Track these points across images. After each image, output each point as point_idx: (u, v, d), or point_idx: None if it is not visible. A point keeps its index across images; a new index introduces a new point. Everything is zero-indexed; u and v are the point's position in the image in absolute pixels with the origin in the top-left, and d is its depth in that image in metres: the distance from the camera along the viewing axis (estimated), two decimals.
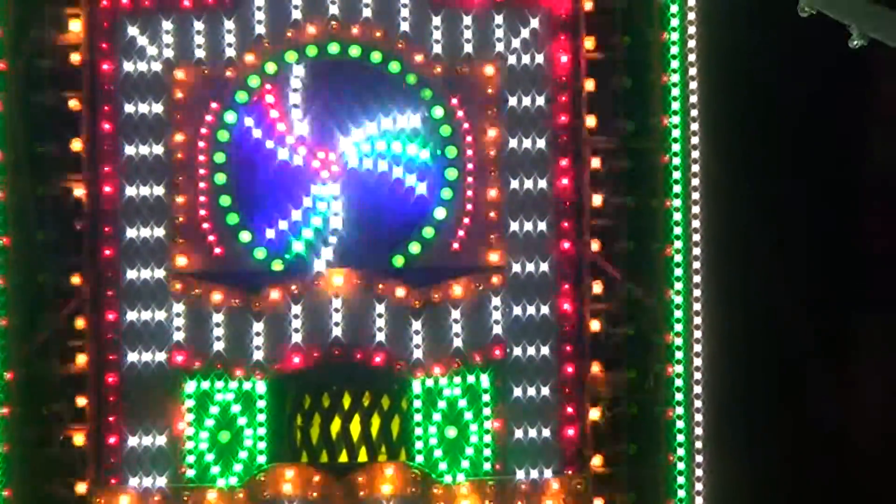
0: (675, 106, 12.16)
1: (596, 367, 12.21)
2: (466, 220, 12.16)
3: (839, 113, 12.93)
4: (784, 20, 10.62)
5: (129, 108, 12.16)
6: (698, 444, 12.04)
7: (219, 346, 12.07)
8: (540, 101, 12.23)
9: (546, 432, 12.15)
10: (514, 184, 12.23)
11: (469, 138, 12.14)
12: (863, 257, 13.21)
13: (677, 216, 12.14)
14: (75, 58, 12.17)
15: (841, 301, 13.05)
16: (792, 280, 12.81)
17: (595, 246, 12.26)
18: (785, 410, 12.90)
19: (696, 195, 12.14)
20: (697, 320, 12.10)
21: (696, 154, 12.14)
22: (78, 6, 12.18)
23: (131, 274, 12.14)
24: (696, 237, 12.12)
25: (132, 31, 12.15)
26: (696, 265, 12.11)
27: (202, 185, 12.10)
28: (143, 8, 12.13)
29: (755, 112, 12.61)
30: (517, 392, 12.15)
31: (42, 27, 12.18)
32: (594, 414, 12.14)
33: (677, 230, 12.15)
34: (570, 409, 12.13)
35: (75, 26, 12.16)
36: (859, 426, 12.93)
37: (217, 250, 12.11)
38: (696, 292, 12.12)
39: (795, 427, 12.90)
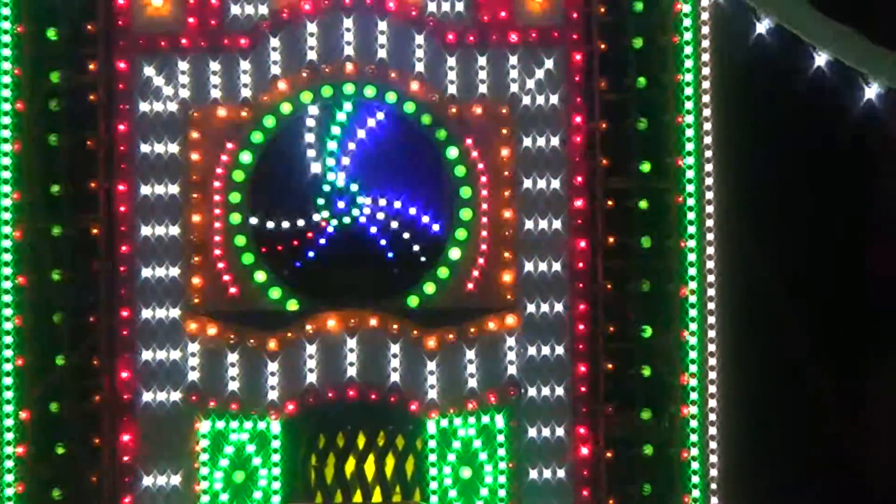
0: (690, 147, 12.19)
1: (610, 408, 12.18)
2: (481, 261, 12.18)
3: (854, 154, 12.96)
4: (800, 63, 10.65)
5: (145, 147, 12.19)
6: (713, 486, 12.03)
7: (234, 385, 12.06)
8: (554, 141, 12.26)
9: (561, 473, 12.13)
10: (529, 224, 12.26)
11: (483, 179, 12.16)
12: (881, 297, 13.20)
13: (692, 256, 12.15)
14: (91, 98, 12.21)
15: (860, 342, 13.04)
16: (808, 320, 12.80)
17: (609, 286, 12.26)
18: (803, 452, 12.86)
19: (710, 236, 12.15)
20: (712, 361, 12.09)
21: (710, 195, 12.15)
22: (95, 47, 12.24)
23: (146, 313, 12.15)
24: (711, 278, 12.13)
25: (148, 71, 12.20)
26: (711, 306, 12.11)
27: (217, 224, 12.11)
28: (159, 48, 12.17)
29: (770, 152, 12.63)
30: (532, 432, 12.15)
31: (58, 67, 12.20)
32: (609, 455, 12.12)
33: (692, 271, 12.16)
34: (584, 450, 12.11)
35: (92, 67, 12.20)
36: (884, 467, 12.89)
37: (232, 290, 12.13)
38: (711, 333, 12.11)
39: (814, 469, 12.86)
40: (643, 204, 12.31)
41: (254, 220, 12.25)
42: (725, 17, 9.93)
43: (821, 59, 9.82)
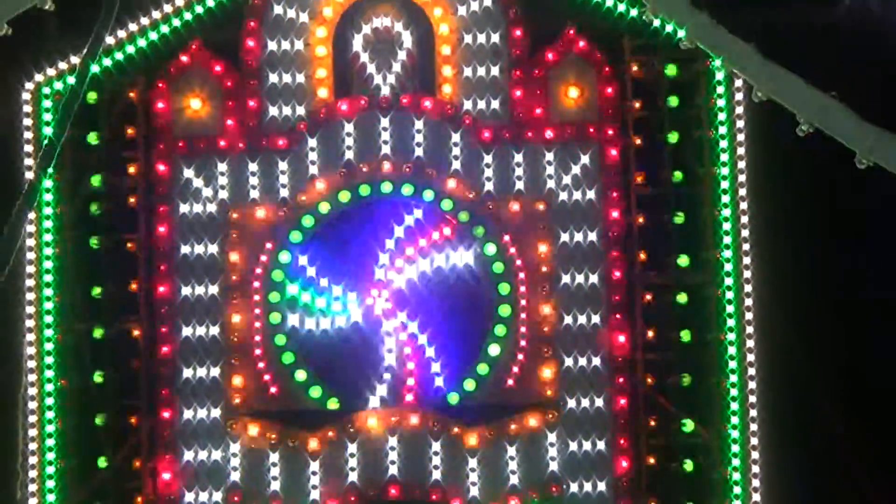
0: (727, 240, 12.21)
1: (653, 503, 12.14)
2: (521, 357, 12.19)
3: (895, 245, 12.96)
4: (835, 153, 10.66)
5: (185, 248, 12.29)
6: None
7: (275, 485, 12.07)
8: (592, 236, 12.31)
9: None
10: (568, 319, 12.28)
11: (522, 275, 12.20)
12: None
13: (732, 350, 12.14)
14: (132, 201, 12.33)
15: None
16: (851, 412, 12.72)
17: (649, 380, 12.26)
18: None
19: (750, 329, 12.14)
20: (755, 455, 12.04)
21: (748, 288, 12.15)
22: (135, 150, 12.38)
23: (188, 414, 12.19)
24: (752, 371, 12.10)
25: (188, 173, 12.32)
26: (752, 399, 12.07)
27: (257, 324, 12.17)
28: (198, 150, 12.30)
29: (807, 244, 12.62)
30: None
31: (99, 171, 12.33)
32: None
33: (732, 364, 12.13)
34: None
35: (132, 170, 12.33)
36: None
37: (273, 389, 12.16)
38: (753, 426, 12.07)
39: None
40: (681, 298, 12.30)
41: (293, 320, 12.20)
42: (764, 116, 9.97)
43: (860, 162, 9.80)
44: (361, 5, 12.48)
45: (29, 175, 12.04)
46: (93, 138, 12.35)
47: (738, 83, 12.13)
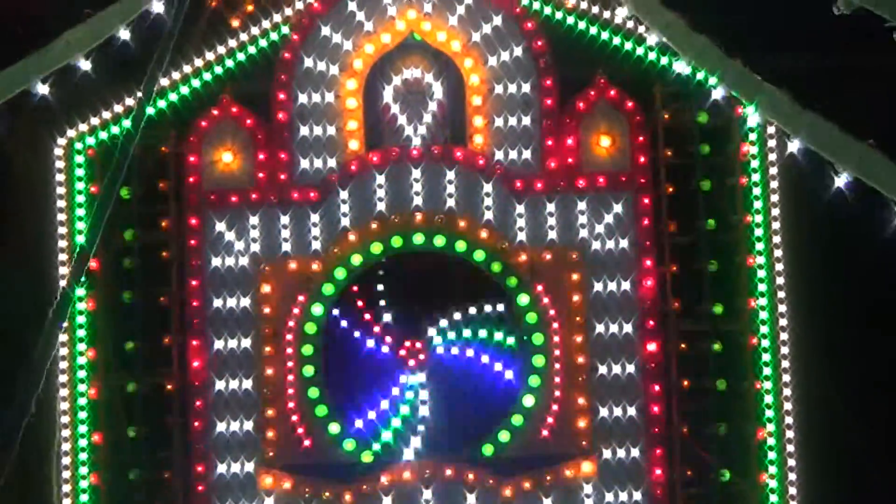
0: (762, 288, 12.15)
1: None
2: (555, 407, 12.12)
3: None
4: (871, 200, 10.58)
5: (217, 302, 12.27)
6: None
7: None
8: (626, 285, 12.25)
9: None
10: (602, 369, 12.22)
11: (555, 325, 12.14)
12: None
13: (768, 398, 12.05)
14: (164, 255, 12.34)
15: None
16: (892, 461, 12.60)
17: (685, 430, 12.17)
18: None
19: (786, 377, 12.05)
20: None
21: (784, 336, 12.07)
22: (167, 204, 12.40)
23: (221, 468, 12.15)
24: (789, 419, 12.01)
25: (220, 226, 12.32)
26: (790, 448, 11.97)
27: (290, 377, 12.13)
28: (230, 204, 12.30)
29: (844, 292, 12.54)
30: None
31: (131, 225, 12.35)
32: None
33: (769, 412, 12.05)
34: None
35: (164, 224, 12.35)
36: None
37: (306, 442, 12.12)
38: (791, 476, 11.97)
39: None
40: (717, 346, 12.24)
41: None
42: (801, 168, 9.91)
43: None
44: (392, 57, 12.50)
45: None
46: (125, 192, 12.35)
47: (771, 130, 12.11)
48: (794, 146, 9.75)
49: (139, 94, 9.68)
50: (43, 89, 10.83)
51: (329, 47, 12.42)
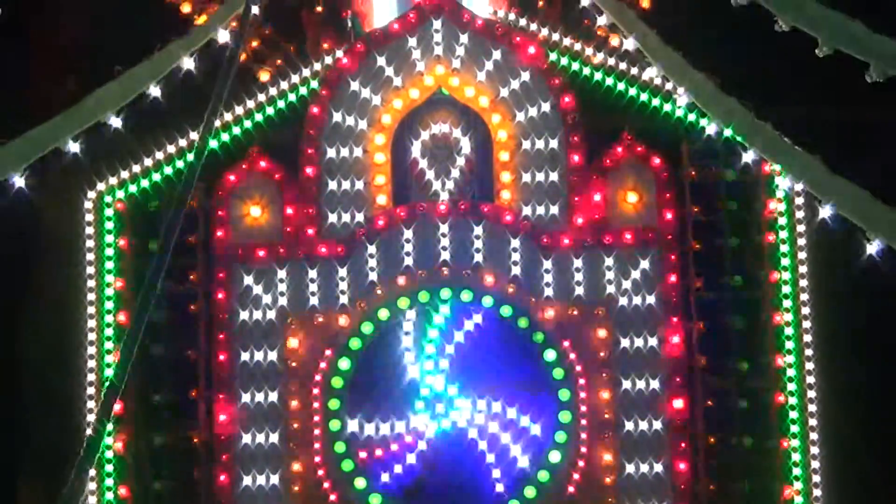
0: (790, 345, 12.14)
1: None
2: (581, 463, 12.11)
3: None
4: None
5: (244, 356, 12.30)
6: None
7: None
8: (652, 341, 12.25)
9: None
10: (629, 425, 12.21)
11: (582, 381, 12.14)
12: None
13: (795, 456, 12.03)
14: (192, 308, 12.38)
15: None
16: None
17: (712, 487, 12.14)
18: None
19: (813, 435, 12.02)
20: None
21: (812, 394, 12.05)
22: (195, 258, 12.45)
23: None
24: (816, 478, 11.98)
25: (247, 280, 12.36)
26: None
27: (316, 431, 12.15)
28: (257, 258, 12.34)
29: (871, 349, 12.52)
30: None
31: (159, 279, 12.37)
32: None
33: (796, 471, 12.02)
34: None
35: (192, 277, 12.40)
36: None
37: (332, 497, 12.13)
38: None
39: None
40: (743, 403, 12.23)
41: (353, 426, 12.17)
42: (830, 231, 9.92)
43: None
44: (419, 112, 12.56)
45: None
46: (153, 246, 12.38)
47: (799, 187, 12.09)
48: (825, 212, 9.73)
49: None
50: (74, 147, 10.90)
51: (358, 102, 12.49)
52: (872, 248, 9.56)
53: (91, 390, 12.21)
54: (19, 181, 10.68)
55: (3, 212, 11.27)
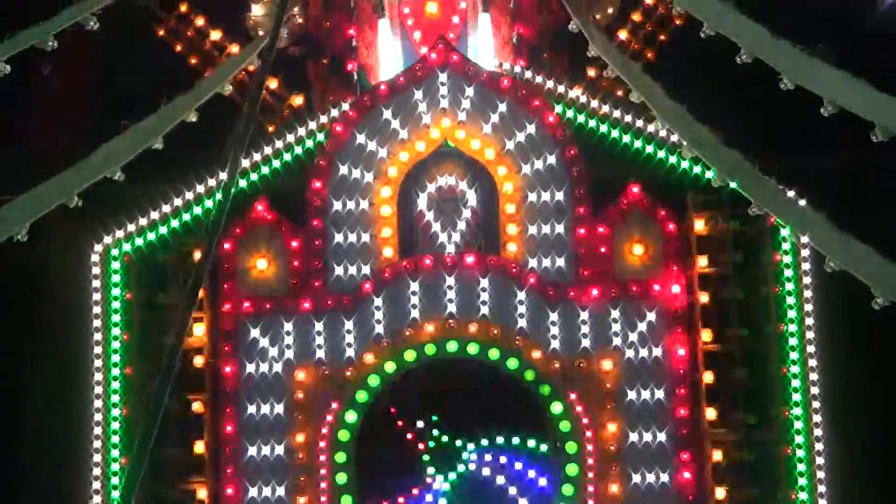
0: (797, 397, 12.10)
1: None
2: None
3: None
4: None
5: (251, 409, 12.29)
6: None
7: None
8: (659, 394, 12.22)
9: None
10: (636, 478, 12.16)
11: (589, 433, 12.11)
12: None
13: None
14: (198, 361, 12.38)
15: None
16: None
17: None
18: None
19: (822, 487, 11.97)
20: None
21: (819, 446, 12.01)
22: (201, 310, 12.45)
23: None
24: None
25: (254, 333, 12.36)
26: None
27: (323, 485, 12.13)
28: (264, 310, 12.35)
29: (879, 402, 12.50)
30: None
31: (166, 332, 12.39)
32: None
33: None
34: None
35: (198, 330, 12.40)
36: None
37: None
38: None
39: None
40: (751, 456, 12.19)
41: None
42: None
43: None
44: (426, 164, 12.60)
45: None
46: (160, 299, 12.43)
47: (805, 239, 12.07)
48: (830, 267, 9.73)
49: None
50: (80, 203, 10.96)
51: (364, 155, 12.52)
52: (878, 303, 9.53)
53: (97, 444, 12.16)
54: (26, 236, 10.71)
55: (11, 265, 11.33)
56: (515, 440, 12.29)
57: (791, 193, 10.88)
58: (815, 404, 12.08)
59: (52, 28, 11.04)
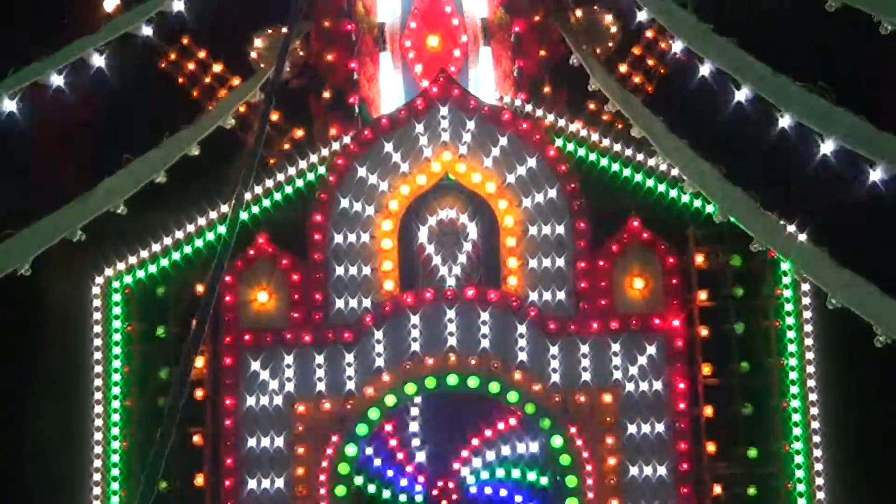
0: (797, 431, 12.11)
1: None
2: None
3: None
4: None
5: (251, 441, 12.27)
6: None
7: None
8: (659, 428, 12.22)
9: None
10: None
11: (589, 467, 12.09)
12: None
13: None
14: (199, 393, 12.38)
15: None
16: None
17: None
18: None
19: None
20: None
21: (820, 481, 12.01)
22: (203, 343, 12.42)
23: None
24: None
25: (254, 366, 12.36)
26: None
27: None
28: (265, 343, 12.35)
29: (880, 436, 12.50)
30: None
31: (167, 365, 12.42)
32: None
33: None
34: None
35: (199, 362, 12.39)
36: None
37: None
38: None
39: None
40: (752, 490, 12.20)
41: None
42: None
43: None
44: (427, 198, 12.62)
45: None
46: (160, 332, 12.44)
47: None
48: (832, 304, 9.75)
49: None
50: (82, 237, 10.98)
51: (365, 188, 12.54)
52: (880, 340, 9.54)
53: (97, 476, 12.15)
54: (30, 270, 10.74)
55: (12, 296, 11.34)
56: (516, 473, 12.26)
57: (791, 228, 10.89)
58: (816, 438, 12.09)
59: (56, 63, 11.07)
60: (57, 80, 11.41)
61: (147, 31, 12.18)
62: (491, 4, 13.67)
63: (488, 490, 12.33)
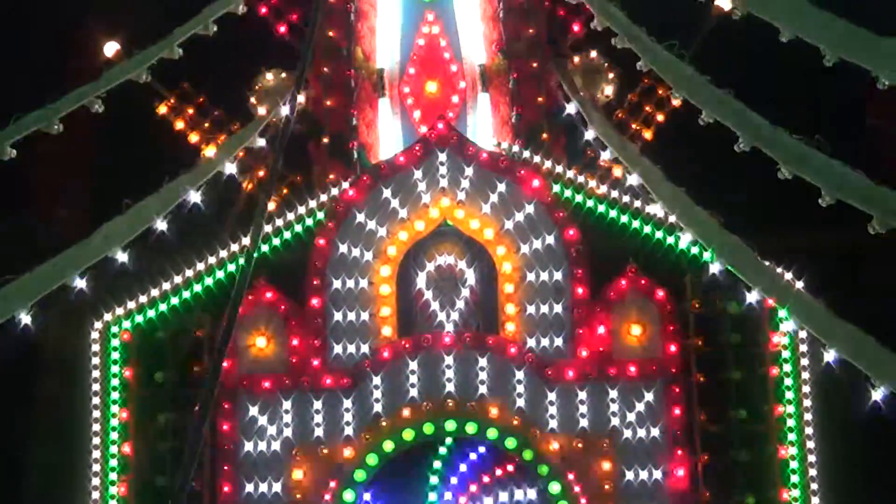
0: (795, 479, 12.14)
1: None
2: None
3: None
4: None
5: (249, 487, 12.27)
6: None
7: None
8: (656, 474, 12.23)
9: None
10: None
11: None
12: None
13: None
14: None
15: None
16: None
17: None
18: None
19: None
20: None
21: None
22: (200, 388, 12.42)
23: None
24: None
25: (252, 411, 12.37)
26: None
27: None
28: (263, 389, 12.36)
29: (877, 483, 12.51)
30: None
31: (165, 410, 12.43)
32: None
33: None
34: None
35: (198, 408, 12.36)
36: None
37: None
38: None
39: None
40: None
41: None
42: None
43: None
44: (425, 244, 12.65)
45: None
46: (159, 377, 12.46)
47: None
48: (829, 356, 9.77)
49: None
50: (80, 283, 11.01)
51: (363, 234, 12.58)
52: (877, 393, 9.56)
53: None
54: (26, 318, 10.78)
55: (11, 344, 11.36)
56: None
57: (789, 276, 10.93)
58: (814, 486, 12.09)
59: (57, 111, 11.12)
60: (57, 127, 11.43)
61: (147, 77, 12.23)
62: (489, 51, 13.77)
63: None
